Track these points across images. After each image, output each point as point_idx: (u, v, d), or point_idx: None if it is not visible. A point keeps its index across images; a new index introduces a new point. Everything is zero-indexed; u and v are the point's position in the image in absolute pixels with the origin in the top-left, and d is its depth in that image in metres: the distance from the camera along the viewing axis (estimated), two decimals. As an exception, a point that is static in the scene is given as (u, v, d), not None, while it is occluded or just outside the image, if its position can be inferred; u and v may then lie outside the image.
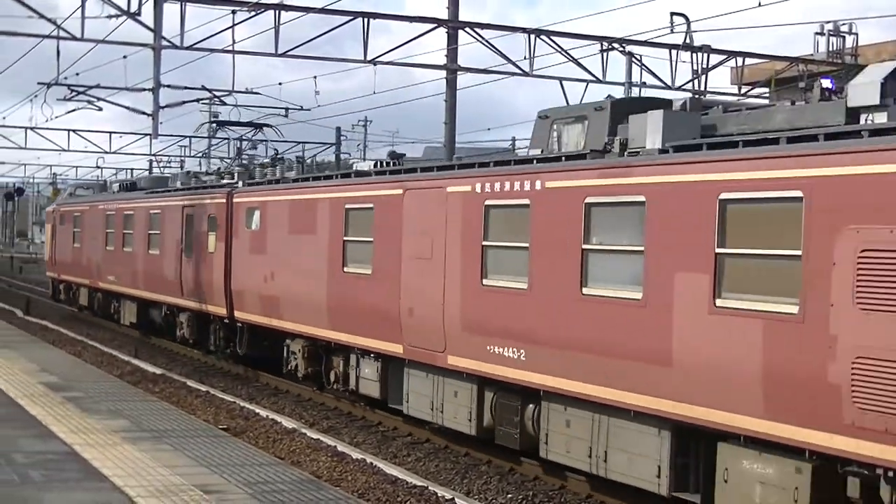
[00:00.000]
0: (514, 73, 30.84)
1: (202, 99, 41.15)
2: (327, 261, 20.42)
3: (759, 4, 27.33)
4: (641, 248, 12.86)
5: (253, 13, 27.92)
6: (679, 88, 32.58)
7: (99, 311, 37.52)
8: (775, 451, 11.22)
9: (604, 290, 13.50)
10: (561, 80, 31.47)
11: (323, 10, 28.35)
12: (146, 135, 47.91)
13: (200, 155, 58.81)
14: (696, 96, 14.61)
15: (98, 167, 70.21)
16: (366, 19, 28.33)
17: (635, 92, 31.15)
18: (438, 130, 30.45)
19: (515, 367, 14.95)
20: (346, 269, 19.80)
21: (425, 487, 14.48)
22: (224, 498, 11.47)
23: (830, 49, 37.41)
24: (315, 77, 36.77)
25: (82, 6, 26.49)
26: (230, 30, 28.33)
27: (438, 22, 30.52)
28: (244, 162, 31.08)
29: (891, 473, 10.05)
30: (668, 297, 12.41)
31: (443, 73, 31.66)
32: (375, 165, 21.16)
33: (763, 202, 11.41)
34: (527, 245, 14.84)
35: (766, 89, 37.75)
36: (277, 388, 23.76)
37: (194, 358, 28.18)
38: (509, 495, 14.87)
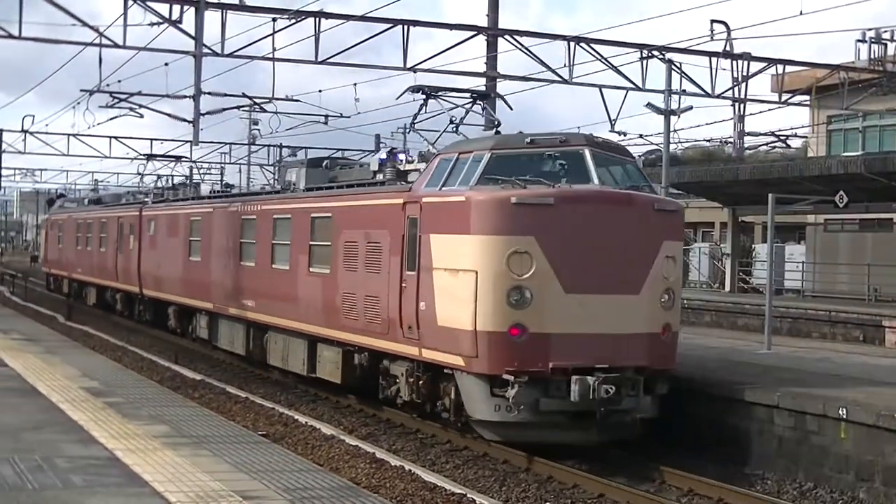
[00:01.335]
0: (553, 81, 30.79)
1: (242, 106, 41.30)
2: (183, 253, 31.26)
3: (801, 13, 27.22)
4: (289, 242, 23.03)
5: (293, 21, 28.05)
6: (719, 96, 32.38)
7: (74, 295, 47.87)
8: (331, 344, 21.05)
9: (279, 265, 23.57)
10: (600, 87, 31.38)
11: (363, 18, 28.45)
12: (187, 142, 48.18)
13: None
14: (334, 157, 25.75)
15: (139, 174, 70.46)
16: (406, 27, 28.35)
17: (675, 99, 31.01)
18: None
19: (254, 312, 25.03)
20: (190, 258, 30.50)
21: (464, 495, 14.48)
22: (263, 504, 11.50)
23: (872, 56, 37.10)
24: (355, 84, 36.70)
25: (124, 14, 26.68)
26: (270, 37, 28.47)
27: (478, 29, 30.51)
28: (157, 185, 43.02)
29: (357, 349, 19.93)
30: (296, 267, 22.54)
31: (482, 81, 31.61)
32: (210, 192, 34.02)
33: (323, 218, 21.46)
34: (255, 241, 25.21)
35: (807, 97, 37.47)
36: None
37: (234, 364, 28.38)
38: (547, 503, 14.84)
